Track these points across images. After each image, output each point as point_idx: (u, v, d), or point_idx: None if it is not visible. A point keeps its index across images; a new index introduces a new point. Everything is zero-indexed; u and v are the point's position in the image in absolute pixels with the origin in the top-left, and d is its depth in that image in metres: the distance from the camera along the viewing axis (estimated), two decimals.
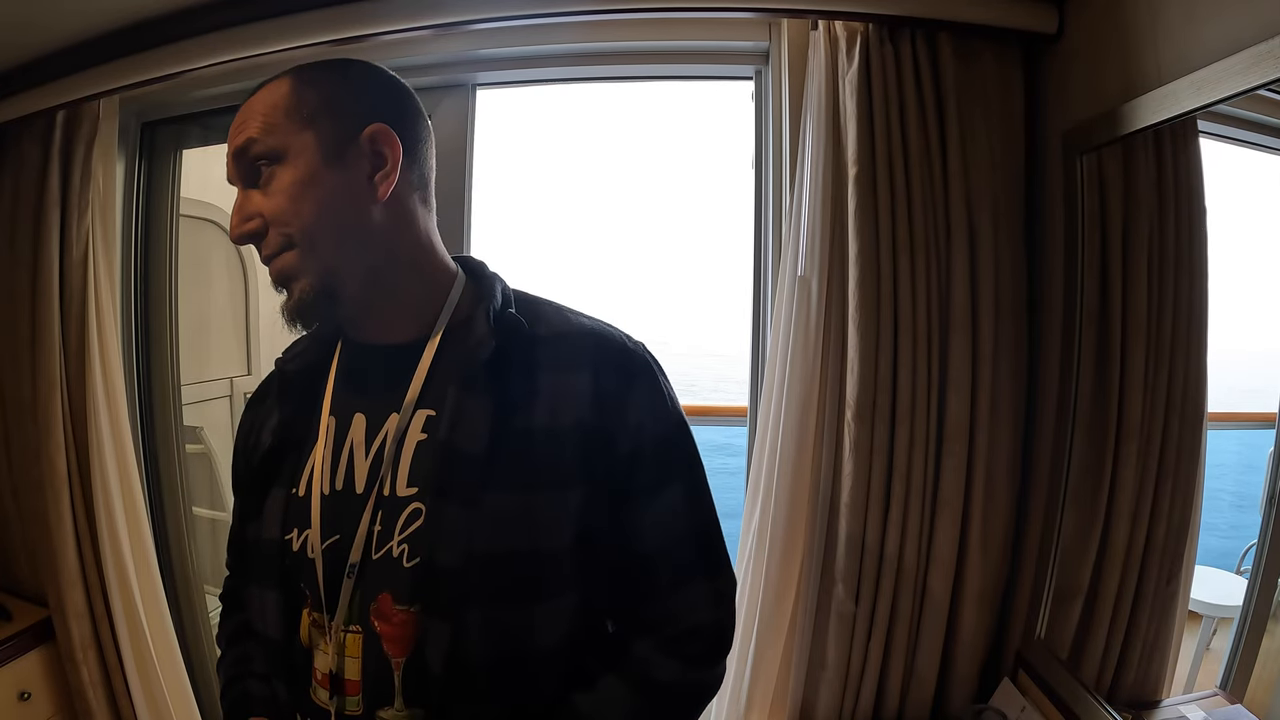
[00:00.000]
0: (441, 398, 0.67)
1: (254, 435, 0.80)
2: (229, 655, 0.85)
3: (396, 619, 0.65)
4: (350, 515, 0.67)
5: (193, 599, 2.01)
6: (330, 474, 0.70)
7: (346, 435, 0.71)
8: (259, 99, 0.68)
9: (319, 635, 0.69)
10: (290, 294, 0.67)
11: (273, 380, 0.82)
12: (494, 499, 0.64)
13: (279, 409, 0.77)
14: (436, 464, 0.65)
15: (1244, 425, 1.07)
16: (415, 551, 0.64)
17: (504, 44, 1.54)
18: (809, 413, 1.35)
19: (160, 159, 1.91)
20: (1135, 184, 1.12)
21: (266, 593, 0.72)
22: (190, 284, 2.10)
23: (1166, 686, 1.08)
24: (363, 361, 0.74)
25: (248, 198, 0.67)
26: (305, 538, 0.69)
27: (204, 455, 2.31)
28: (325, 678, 0.68)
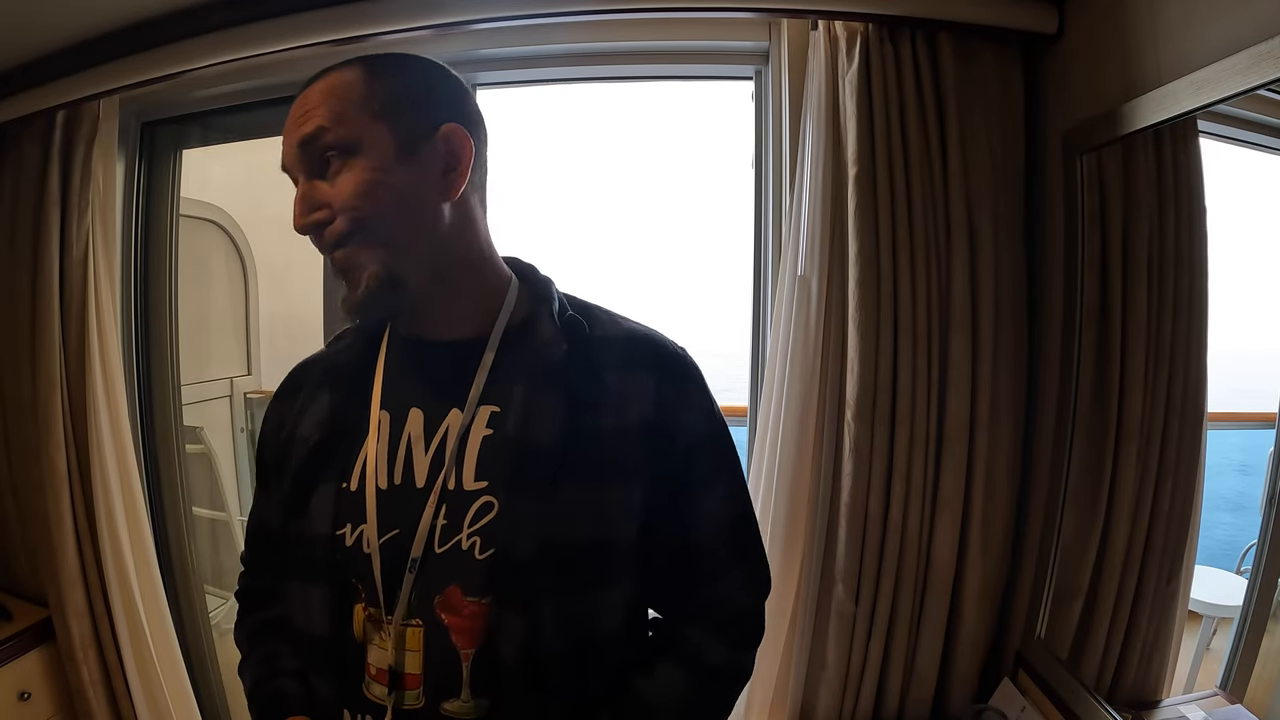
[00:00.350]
0: (506, 395, 0.69)
1: (290, 427, 0.77)
2: (255, 654, 0.81)
3: (467, 611, 0.66)
4: (410, 509, 0.68)
5: (193, 599, 2.01)
6: (387, 468, 0.70)
7: (403, 430, 0.71)
8: (325, 87, 0.67)
9: (374, 630, 0.69)
10: (355, 285, 0.67)
11: (310, 370, 0.80)
12: (567, 492, 0.66)
13: (324, 400, 0.75)
14: (509, 459, 0.67)
15: (1244, 425, 1.07)
16: (489, 544, 0.66)
17: (504, 44, 1.54)
18: (809, 413, 1.35)
19: (160, 159, 1.91)
20: (1135, 184, 1.12)
21: (312, 589, 0.71)
22: (190, 284, 2.10)
23: (1166, 686, 1.08)
24: (416, 357, 0.74)
25: (314, 187, 0.67)
26: (360, 532, 0.69)
27: (204, 455, 2.30)
28: (381, 672, 0.68)
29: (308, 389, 0.78)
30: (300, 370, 0.82)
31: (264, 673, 0.78)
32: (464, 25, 1.39)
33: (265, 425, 0.82)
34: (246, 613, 0.86)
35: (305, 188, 0.67)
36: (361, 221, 0.65)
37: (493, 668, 0.66)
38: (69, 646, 1.67)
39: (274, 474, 0.79)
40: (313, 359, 0.83)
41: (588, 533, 0.67)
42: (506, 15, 1.38)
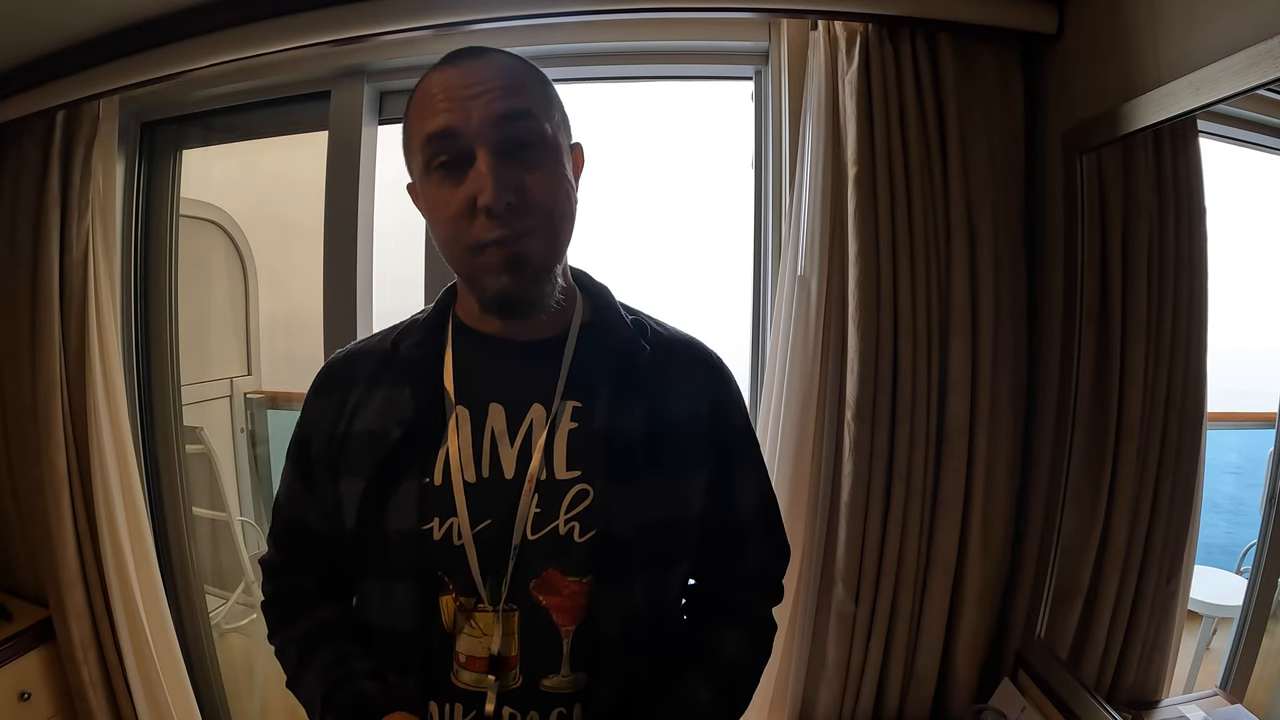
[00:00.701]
0: (587, 390, 0.74)
1: (345, 422, 0.76)
2: (318, 659, 0.77)
3: (568, 590, 0.71)
4: (500, 500, 0.71)
5: (193, 599, 2.01)
6: (474, 462, 0.72)
7: (485, 424, 0.73)
8: (515, 69, 0.69)
9: (464, 619, 0.71)
10: (520, 275, 0.68)
11: (359, 364, 0.78)
12: (651, 478, 0.73)
13: (390, 395, 0.75)
14: (600, 449, 0.72)
15: (1244, 425, 1.07)
16: (588, 527, 0.71)
17: (504, 44, 1.53)
18: (809, 413, 1.35)
19: (160, 159, 1.91)
20: (1135, 184, 1.12)
21: (395, 584, 0.72)
22: (190, 284, 2.10)
23: (1166, 686, 1.08)
24: (494, 354, 0.75)
25: (510, 170, 0.66)
26: (449, 526, 0.70)
27: (204, 455, 2.30)
28: (474, 660, 0.71)
29: (363, 383, 0.77)
30: (345, 364, 0.80)
31: (339, 676, 0.75)
32: (464, 25, 1.39)
33: (307, 421, 0.80)
34: (289, 618, 0.83)
35: (502, 166, 0.65)
36: (550, 219, 0.69)
37: (592, 641, 0.71)
38: (69, 646, 1.67)
39: (324, 471, 0.77)
40: (355, 351, 0.81)
41: (668, 514, 0.75)
42: (506, 15, 1.38)
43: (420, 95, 0.69)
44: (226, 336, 2.67)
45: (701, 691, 0.76)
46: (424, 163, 0.68)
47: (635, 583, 0.72)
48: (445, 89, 0.67)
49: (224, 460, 2.40)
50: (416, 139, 0.69)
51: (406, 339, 0.78)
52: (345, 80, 1.63)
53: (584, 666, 0.71)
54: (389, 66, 1.61)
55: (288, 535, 0.84)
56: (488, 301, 0.70)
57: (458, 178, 0.66)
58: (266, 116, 1.81)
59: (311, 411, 0.80)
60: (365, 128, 1.63)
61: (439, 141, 0.66)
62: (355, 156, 1.62)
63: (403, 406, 0.73)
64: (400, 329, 0.80)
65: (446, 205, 0.67)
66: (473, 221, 0.66)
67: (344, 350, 0.82)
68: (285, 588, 0.85)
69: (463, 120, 0.65)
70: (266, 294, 2.72)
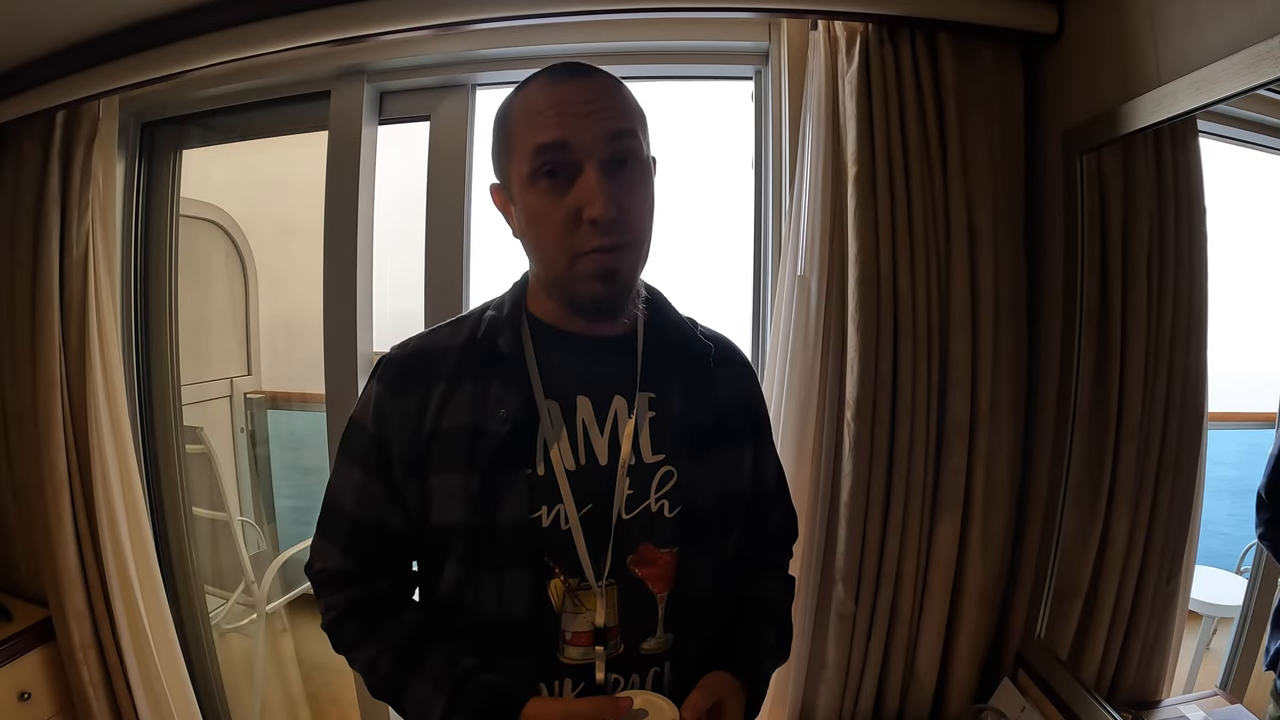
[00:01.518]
0: (659, 381, 0.81)
1: (432, 420, 0.77)
2: (428, 663, 0.76)
3: (661, 561, 0.79)
4: (598, 485, 0.77)
5: (193, 599, 2.01)
6: (571, 452, 0.77)
7: (575, 416, 0.79)
8: (621, 91, 0.75)
9: (570, 599, 0.76)
10: (612, 284, 0.73)
11: (437, 361, 0.79)
12: (721, 456, 0.83)
13: (481, 392, 0.77)
14: (681, 434, 0.80)
15: (1244, 425, 1.07)
16: (675, 504, 0.79)
17: (504, 44, 1.54)
18: (809, 413, 1.35)
19: (160, 159, 1.91)
20: (1135, 184, 1.12)
21: (509, 573, 0.75)
22: (190, 284, 2.10)
23: (1166, 686, 1.08)
24: (572, 350, 0.80)
25: (614, 184, 0.71)
26: (556, 512, 0.76)
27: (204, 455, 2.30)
28: (579, 635, 0.76)
29: (444, 381, 0.78)
30: (421, 361, 0.80)
31: (458, 675, 0.75)
32: (464, 25, 1.39)
33: (383, 421, 0.79)
34: (374, 628, 0.80)
35: (609, 183, 0.70)
36: (640, 235, 0.75)
37: (681, 604, 0.79)
38: (69, 647, 1.67)
39: (407, 471, 0.78)
40: (427, 348, 0.81)
41: (735, 487, 0.85)
42: (506, 15, 1.38)
43: (526, 107, 0.73)
44: (226, 336, 2.67)
45: (767, 633, 0.88)
46: (530, 171, 0.71)
47: (713, 549, 0.82)
48: (557, 103, 0.71)
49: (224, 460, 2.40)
50: (522, 147, 0.72)
51: (486, 334, 0.80)
52: (345, 80, 1.63)
53: (674, 628, 0.79)
54: (389, 66, 1.61)
55: (367, 541, 0.81)
56: (582, 306, 0.75)
57: (563, 188, 0.71)
58: (266, 116, 1.81)
59: (388, 411, 0.79)
60: (365, 128, 1.63)
61: (550, 152, 0.70)
62: (355, 156, 1.62)
63: (501, 402, 0.76)
64: (471, 324, 0.82)
65: (551, 213, 0.71)
66: (576, 230, 0.71)
67: (413, 347, 0.82)
68: (363, 596, 0.82)
69: (575, 134, 0.70)
70: (266, 294, 2.72)
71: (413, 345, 0.83)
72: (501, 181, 0.79)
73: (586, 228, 0.70)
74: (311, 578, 0.85)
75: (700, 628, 0.81)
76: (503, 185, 0.79)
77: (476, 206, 1.65)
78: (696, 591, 0.80)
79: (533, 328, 0.81)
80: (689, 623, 0.80)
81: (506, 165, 0.76)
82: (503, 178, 0.78)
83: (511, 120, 0.75)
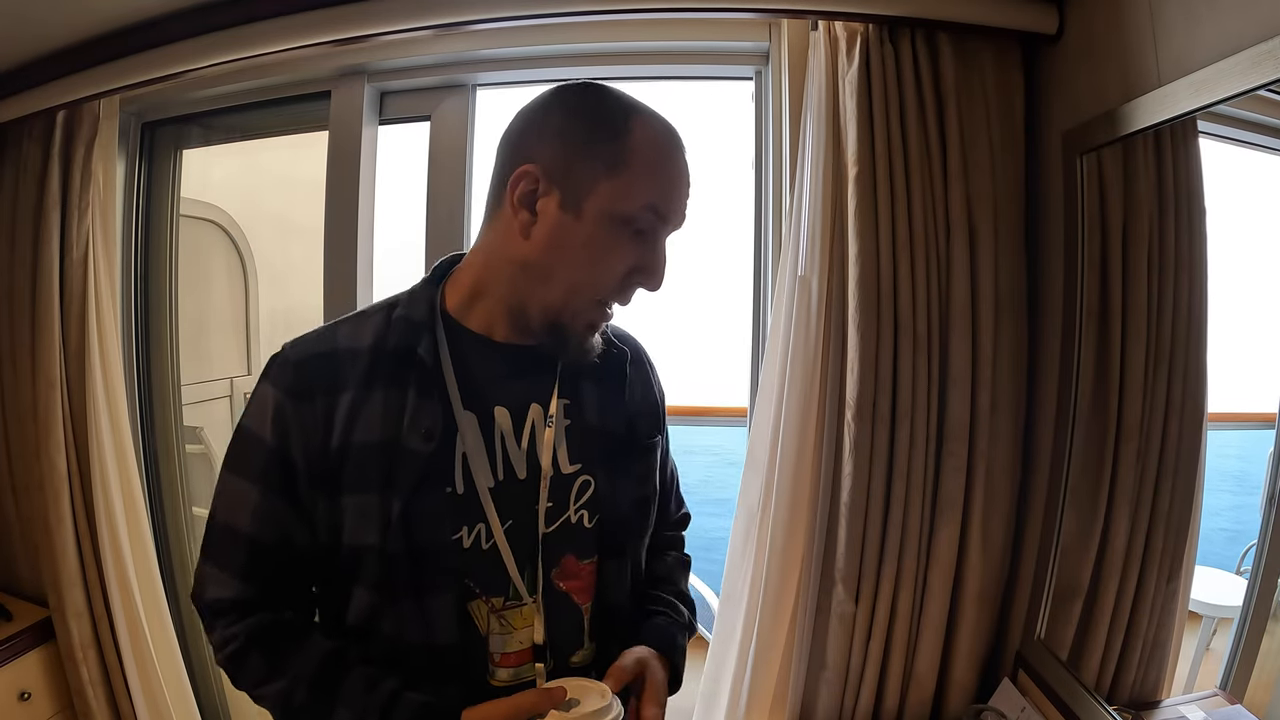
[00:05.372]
0: (573, 388, 0.79)
1: (343, 431, 0.70)
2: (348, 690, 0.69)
3: (583, 572, 0.78)
4: (518, 500, 0.75)
5: None
6: (489, 466, 0.74)
7: (494, 428, 0.75)
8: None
9: (495, 619, 0.74)
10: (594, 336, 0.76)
11: (344, 366, 0.72)
12: (634, 460, 0.83)
13: (393, 399, 0.71)
14: (596, 441, 0.79)
15: (1244, 425, 1.07)
16: (594, 513, 0.78)
17: (504, 44, 1.54)
18: (809, 413, 1.35)
19: (160, 159, 1.91)
20: (1135, 184, 1.12)
21: (431, 599, 0.70)
22: (190, 284, 2.10)
23: (1166, 686, 1.08)
24: (489, 356, 0.76)
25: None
26: (478, 532, 0.72)
27: (204, 455, 2.30)
28: (507, 656, 0.74)
29: (354, 386, 0.71)
30: (324, 363, 0.72)
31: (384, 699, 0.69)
32: (464, 25, 1.39)
33: (281, 430, 0.71)
34: (283, 659, 0.72)
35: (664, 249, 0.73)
36: None
37: (604, 613, 0.80)
38: (69, 646, 1.67)
39: (314, 486, 0.71)
40: (329, 350, 0.73)
41: (649, 489, 0.85)
42: (506, 15, 1.38)
43: (657, 152, 0.70)
44: (226, 336, 2.67)
45: (678, 608, 0.89)
46: (627, 216, 0.68)
47: (630, 554, 0.82)
48: (685, 174, 0.71)
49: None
50: (635, 189, 0.68)
51: (400, 338, 0.73)
52: (345, 80, 1.63)
53: (597, 637, 0.80)
54: (389, 66, 1.61)
55: (268, 564, 0.73)
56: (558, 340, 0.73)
57: (637, 243, 0.70)
58: (267, 116, 1.81)
59: (290, 420, 0.70)
60: (365, 128, 1.63)
61: (656, 215, 0.70)
62: (355, 156, 1.62)
63: (419, 415, 0.70)
64: (376, 325, 0.74)
65: (614, 259, 0.70)
66: (623, 285, 0.71)
67: (312, 347, 0.74)
68: (267, 625, 0.73)
69: (679, 215, 0.72)
70: (267, 294, 2.72)
71: (312, 345, 0.74)
72: (560, 178, 0.68)
73: (631, 289, 0.72)
74: (202, 609, 0.75)
75: (621, 634, 0.81)
76: (559, 183, 0.68)
77: (476, 206, 1.65)
78: (617, 599, 0.80)
79: (450, 333, 0.75)
80: (611, 631, 0.80)
81: (592, 178, 0.67)
82: (569, 180, 0.68)
83: (634, 148, 0.68)
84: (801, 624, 1.39)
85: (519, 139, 0.72)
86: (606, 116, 0.69)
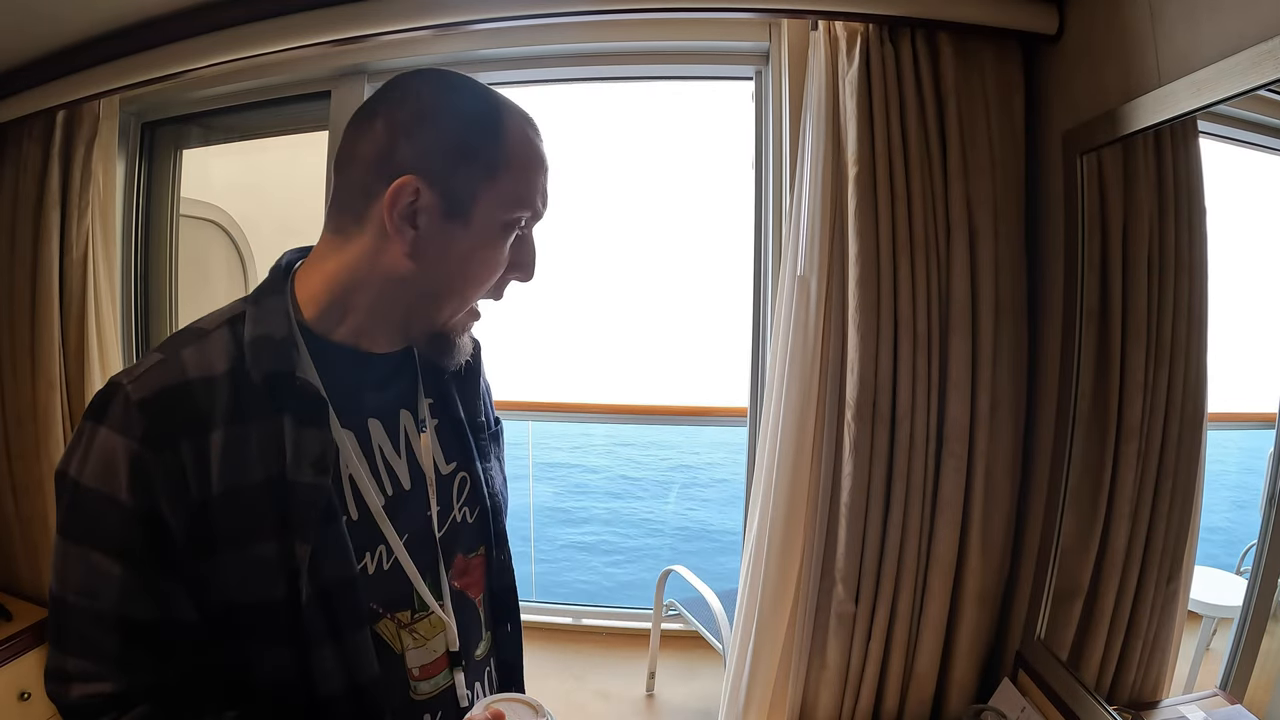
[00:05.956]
0: (434, 388, 0.79)
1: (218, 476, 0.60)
2: None
3: (472, 566, 0.79)
4: (408, 511, 0.72)
5: None
6: (376, 484, 0.70)
7: (371, 442, 0.71)
8: None
9: (408, 634, 0.72)
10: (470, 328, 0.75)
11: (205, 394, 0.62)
12: (491, 449, 0.84)
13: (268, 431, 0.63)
14: (465, 438, 0.80)
15: (1244, 425, 1.07)
16: (474, 509, 0.79)
17: (504, 44, 1.54)
18: (809, 413, 1.35)
19: (160, 159, 1.91)
20: (1135, 184, 1.12)
21: (349, 638, 0.65)
22: (190, 284, 2.10)
23: (1166, 687, 1.08)
24: (354, 368, 0.70)
25: None
26: (379, 555, 0.69)
27: None
28: (425, 668, 0.73)
29: (223, 424, 0.61)
30: (178, 399, 0.61)
31: None
32: (464, 25, 1.39)
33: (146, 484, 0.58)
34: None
35: None
36: None
37: (495, 600, 0.82)
38: None
39: (197, 544, 0.60)
40: (181, 380, 0.61)
41: (503, 474, 0.87)
42: (506, 15, 1.38)
43: (535, 151, 0.67)
44: None
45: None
46: (508, 222, 0.66)
47: (505, 541, 0.84)
48: (546, 169, 0.69)
49: None
50: (513, 191, 0.65)
51: (268, 362, 0.64)
52: (345, 80, 1.63)
53: (489, 626, 0.82)
54: (389, 66, 1.62)
55: (147, 645, 0.61)
56: (442, 345, 0.71)
57: (514, 239, 0.68)
58: (266, 116, 1.81)
59: (152, 472, 0.58)
60: None
61: (533, 211, 0.68)
62: None
63: (304, 445, 0.63)
64: (226, 347, 0.64)
65: (498, 261, 0.68)
66: (500, 283, 0.70)
67: (157, 380, 0.61)
68: (157, 714, 0.62)
69: (549, 201, 0.71)
70: None
71: (156, 378, 0.61)
72: (441, 187, 0.63)
73: (505, 285, 0.71)
74: (70, 708, 0.61)
75: (510, 617, 0.84)
76: (441, 193, 0.63)
77: None
78: (504, 583, 0.83)
79: (313, 350, 0.67)
80: (499, 618, 0.83)
81: (474, 184, 0.64)
82: (450, 188, 0.63)
83: (510, 147, 0.65)
84: (801, 624, 1.39)
85: (386, 148, 0.63)
86: (478, 116, 0.65)
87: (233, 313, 0.67)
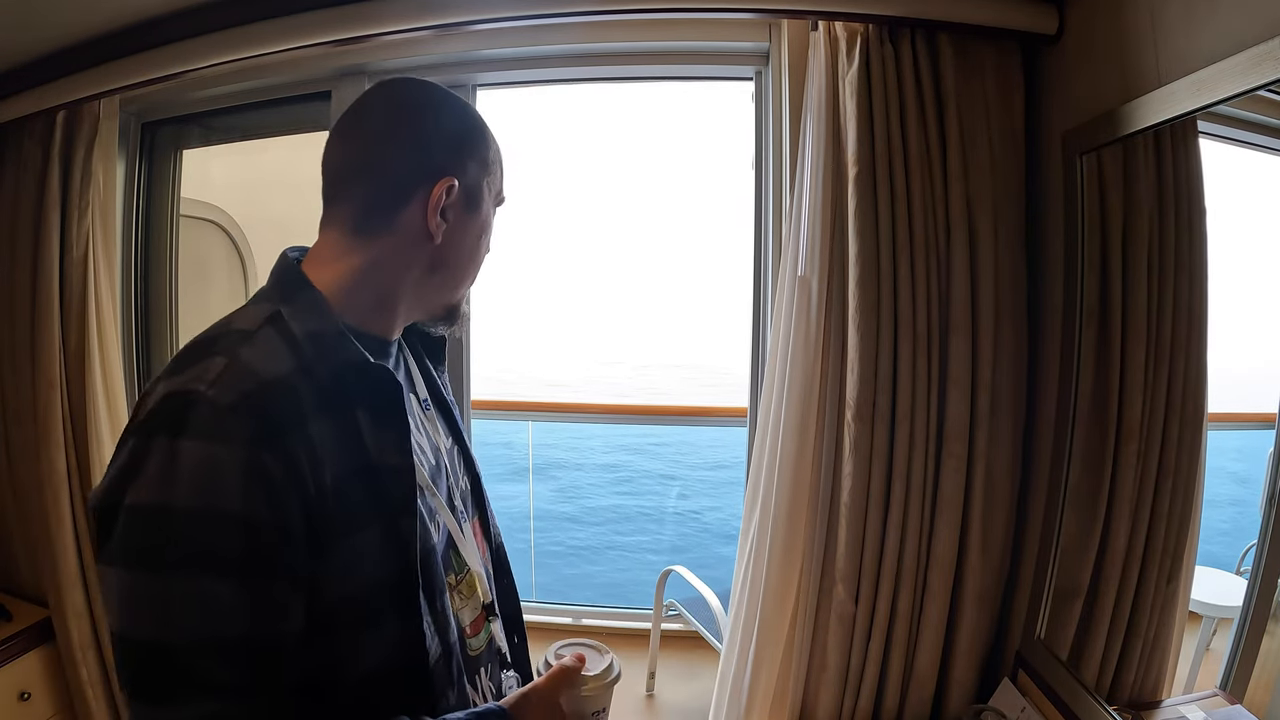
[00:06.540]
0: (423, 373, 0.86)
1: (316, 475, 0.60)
2: None
3: (475, 526, 0.85)
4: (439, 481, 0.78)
5: None
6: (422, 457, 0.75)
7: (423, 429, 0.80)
8: None
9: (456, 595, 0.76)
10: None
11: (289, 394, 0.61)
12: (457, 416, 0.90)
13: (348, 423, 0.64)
14: (452, 415, 0.88)
15: (1244, 425, 1.07)
16: (469, 478, 0.87)
17: (504, 44, 1.54)
18: (809, 413, 1.35)
19: (160, 159, 1.91)
20: (1135, 184, 1.12)
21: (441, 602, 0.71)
22: (190, 284, 2.10)
23: (1166, 687, 1.08)
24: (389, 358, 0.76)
25: None
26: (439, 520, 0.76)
27: None
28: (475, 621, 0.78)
29: (313, 417, 0.61)
30: (271, 395, 0.60)
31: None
32: (464, 25, 1.39)
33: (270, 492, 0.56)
34: None
35: None
36: None
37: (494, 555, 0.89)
38: (69, 647, 1.67)
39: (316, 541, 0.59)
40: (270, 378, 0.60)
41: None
42: (506, 15, 1.38)
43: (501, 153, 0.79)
44: None
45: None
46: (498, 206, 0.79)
47: (489, 505, 0.90)
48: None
49: None
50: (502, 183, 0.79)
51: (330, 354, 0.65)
52: (345, 80, 1.63)
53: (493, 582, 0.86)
54: (389, 66, 1.62)
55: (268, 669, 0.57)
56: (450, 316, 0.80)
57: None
58: (267, 116, 1.81)
59: (267, 475, 0.56)
60: None
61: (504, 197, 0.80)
62: None
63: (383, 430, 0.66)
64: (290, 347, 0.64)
65: (489, 239, 0.79)
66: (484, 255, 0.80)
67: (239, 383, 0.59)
68: None
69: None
70: None
71: (237, 382, 0.58)
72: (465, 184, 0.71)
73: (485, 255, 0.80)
74: None
75: (504, 573, 0.91)
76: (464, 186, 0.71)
77: None
78: (496, 544, 0.91)
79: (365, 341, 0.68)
80: (498, 574, 0.89)
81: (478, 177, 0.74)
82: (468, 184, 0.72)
83: (490, 142, 0.77)
84: (801, 624, 1.39)
85: (424, 149, 0.70)
86: (470, 118, 0.76)
87: (264, 312, 0.65)
